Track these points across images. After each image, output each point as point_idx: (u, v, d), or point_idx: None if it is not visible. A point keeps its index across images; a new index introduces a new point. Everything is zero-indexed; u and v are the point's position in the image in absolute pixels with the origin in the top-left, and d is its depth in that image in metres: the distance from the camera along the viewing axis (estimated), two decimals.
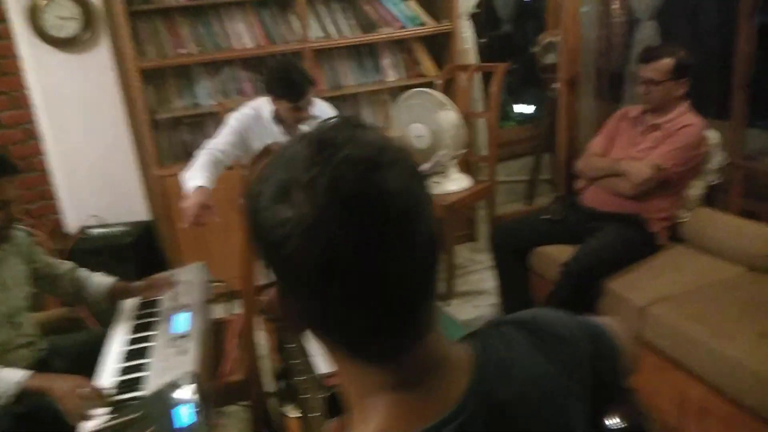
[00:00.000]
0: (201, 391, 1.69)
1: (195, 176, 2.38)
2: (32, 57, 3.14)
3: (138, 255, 3.21)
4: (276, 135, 2.66)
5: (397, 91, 3.68)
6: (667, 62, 2.42)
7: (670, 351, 2.08)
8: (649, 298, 2.20)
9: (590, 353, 0.78)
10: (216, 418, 1.72)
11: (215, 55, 3.30)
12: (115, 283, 2.16)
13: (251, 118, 2.64)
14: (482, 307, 3.17)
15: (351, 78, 3.69)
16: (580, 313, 2.38)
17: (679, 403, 2.03)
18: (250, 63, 3.46)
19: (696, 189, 2.58)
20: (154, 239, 3.44)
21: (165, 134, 3.41)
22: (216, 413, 1.87)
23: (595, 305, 2.40)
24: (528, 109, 5.08)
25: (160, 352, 1.85)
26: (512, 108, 5.28)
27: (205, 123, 3.43)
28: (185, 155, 2.85)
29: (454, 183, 3.34)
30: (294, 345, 1.61)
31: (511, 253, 2.73)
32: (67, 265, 2.15)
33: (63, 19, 3.06)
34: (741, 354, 1.83)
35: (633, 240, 2.48)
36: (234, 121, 2.62)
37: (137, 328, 2.02)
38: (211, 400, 1.78)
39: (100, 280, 2.18)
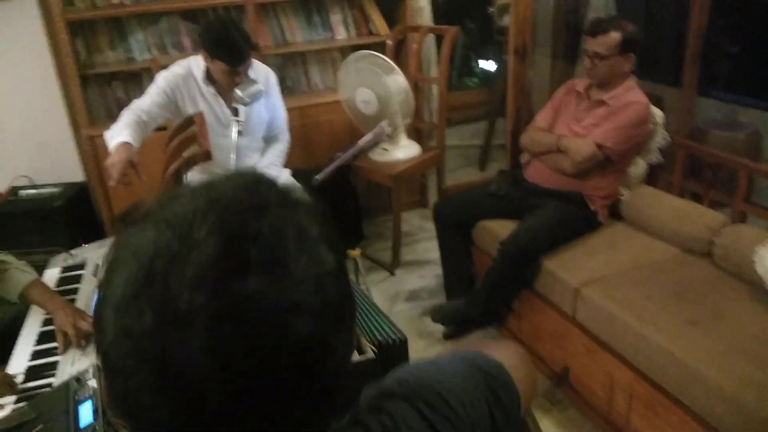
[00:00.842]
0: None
1: (119, 134, 2.23)
2: None
3: (70, 218, 3.07)
4: (207, 95, 2.53)
5: (347, 50, 3.54)
6: (614, 36, 2.35)
7: (600, 334, 2.08)
8: (582, 279, 2.20)
9: (488, 412, 0.72)
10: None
11: (151, 6, 3.10)
12: (31, 285, 1.83)
13: (181, 78, 2.49)
14: (428, 277, 3.15)
15: (298, 35, 3.52)
16: (518, 291, 2.36)
17: (609, 386, 2.06)
18: (189, 15, 3.26)
19: (638, 167, 2.56)
20: (88, 202, 3.29)
21: (97, 91, 3.22)
22: None
23: (532, 283, 2.39)
24: (492, 66, 4.97)
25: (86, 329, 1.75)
26: (477, 64, 5.16)
27: (140, 79, 3.24)
28: (119, 113, 2.68)
29: (403, 151, 3.26)
30: None
31: (453, 227, 2.70)
32: None
33: None
34: (666, 341, 1.84)
35: (573, 218, 2.46)
36: (162, 80, 2.48)
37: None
38: None
39: (17, 278, 1.85)
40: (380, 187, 3.44)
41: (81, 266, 2.18)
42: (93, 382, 1.43)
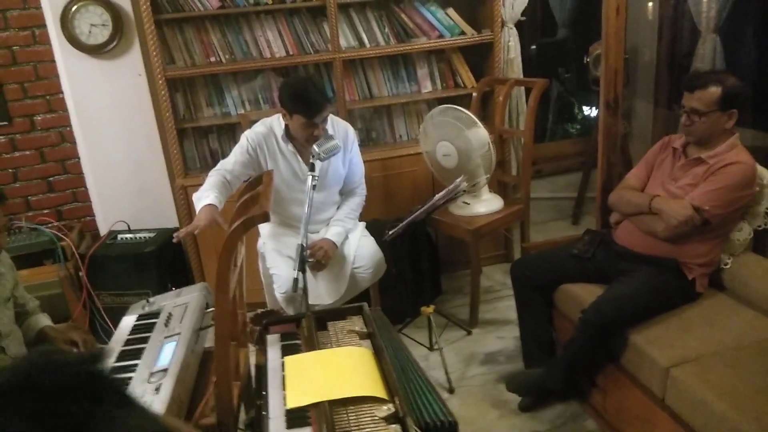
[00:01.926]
0: None
1: (206, 196, 2.41)
2: (65, 62, 3.17)
3: (161, 263, 3.21)
4: (287, 153, 2.58)
5: (433, 102, 3.53)
6: (713, 91, 2.16)
7: (692, 422, 1.85)
8: (674, 358, 1.97)
9: None
10: None
11: (244, 64, 3.24)
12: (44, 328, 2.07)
13: (263, 137, 2.57)
14: (507, 339, 2.99)
15: (384, 88, 3.55)
16: (602, 364, 2.16)
17: None
18: (281, 72, 3.39)
19: (743, 232, 2.30)
20: (179, 248, 3.43)
21: (193, 143, 3.40)
22: None
23: (618, 357, 2.19)
24: (594, 112, 4.78)
25: (137, 387, 1.78)
26: (581, 111, 4.97)
27: (233, 132, 3.39)
28: (213, 165, 2.82)
29: (484, 205, 3.17)
30: (262, 400, 1.51)
31: (533, 289, 2.54)
32: (34, 303, 2.13)
33: (94, 26, 3.07)
34: None
35: (667, 287, 2.24)
36: (245, 140, 2.58)
37: (122, 356, 1.97)
38: None
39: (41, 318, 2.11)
40: (462, 240, 3.34)
41: (156, 314, 2.24)
42: None
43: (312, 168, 2.30)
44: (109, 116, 3.30)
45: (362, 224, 2.83)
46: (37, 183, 3.47)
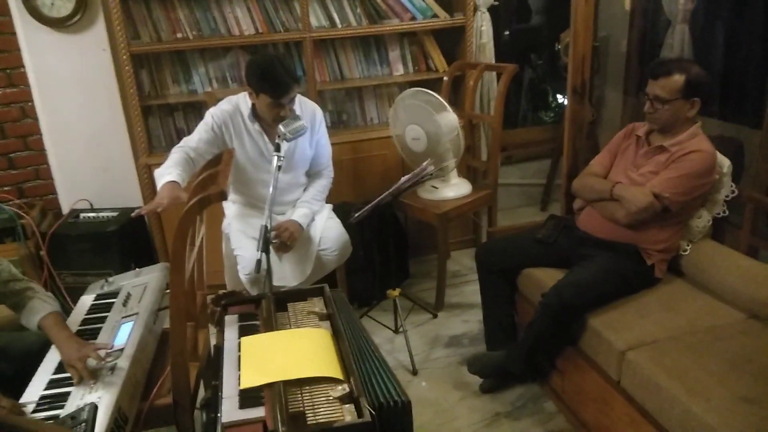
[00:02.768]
0: (120, 416, 1.61)
1: (168, 172, 2.36)
2: (26, 35, 3.08)
3: (124, 242, 3.15)
4: (253, 132, 2.55)
5: (405, 85, 3.50)
6: (677, 79, 2.18)
7: (645, 404, 1.89)
8: (630, 342, 2.01)
9: None
10: None
11: (212, 41, 3.18)
12: (48, 316, 1.89)
13: (228, 115, 2.53)
14: (472, 322, 3.02)
15: (356, 70, 3.52)
16: (561, 347, 2.19)
17: None
18: (250, 50, 3.33)
19: (702, 220, 2.34)
20: (143, 227, 3.38)
21: (158, 121, 3.33)
22: None
23: (577, 340, 2.22)
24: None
25: (94, 364, 1.76)
26: (555, 99, 4.96)
27: (200, 111, 3.31)
28: (178, 143, 2.77)
29: (453, 189, 3.17)
30: (218, 381, 1.50)
31: (497, 273, 2.56)
32: (24, 284, 2.01)
33: None
34: (717, 420, 1.63)
35: (626, 272, 2.27)
36: (209, 117, 2.53)
37: (79, 334, 1.93)
38: (134, 424, 1.69)
39: (36, 308, 1.92)
40: (430, 224, 3.35)
41: (115, 294, 2.21)
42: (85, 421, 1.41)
43: (278, 148, 2.27)
44: (72, 92, 3.22)
45: (329, 206, 2.82)
46: None
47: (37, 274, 3.12)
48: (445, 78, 3.37)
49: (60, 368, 1.76)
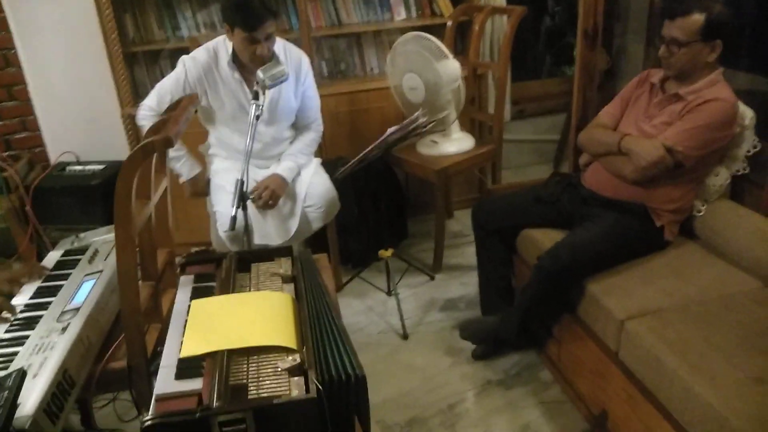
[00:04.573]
0: (65, 379, 1.49)
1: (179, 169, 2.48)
2: None
3: (108, 198, 3.01)
4: (231, 82, 2.37)
5: (407, 32, 3.25)
6: (696, 19, 1.93)
7: (644, 379, 1.72)
8: (631, 310, 1.83)
9: None
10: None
11: None
12: None
13: (202, 67, 2.35)
14: (471, 285, 2.84)
15: (354, 15, 3.29)
16: (558, 314, 2.01)
17: None
18: None
19: (720, 178, 2.12)
20: None
21: (144, 68, 3.17)
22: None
23: (575, 306, 2.04)
24: None
25: (44, 326, 1.64)
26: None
27: None
28: None
29: (454, 144, 2.97)
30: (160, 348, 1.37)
31: (494, 233, 2.38)
32: None
33: None
34: (721, 402, 1.46)
35: (632, 234, 2.07)
36: (182, 68, 2.36)
37: (38, 293, 1.82)
38: (85, 388, 1.58)
39: None
40: (429, 181, 3.17)
41: (83, 251, 2.09)
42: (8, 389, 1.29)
43: (256, 96, 2.10)
44: (55, 39, 3.06)
45: (317, 160, 2.64)
46: None
47: (23, 229, 3.04)
48: (449, 23, 3.12)
49: (9, 327, 1.66)
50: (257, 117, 2.07)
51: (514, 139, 4.05)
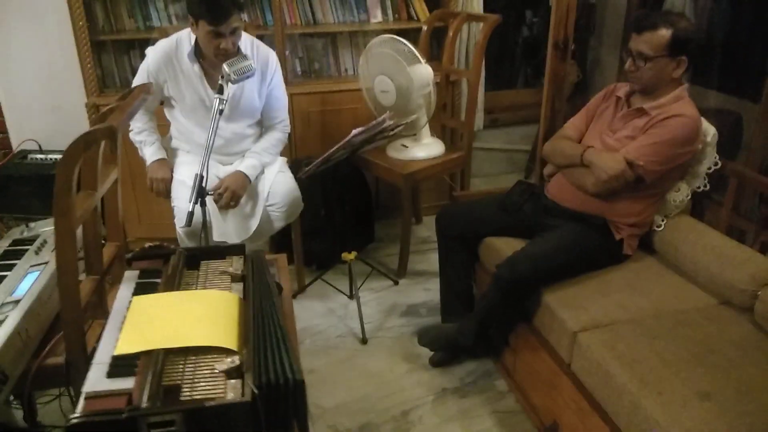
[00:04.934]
0: None
1: (148, 153, 2.46)
2: None
3: None
4: (192, 75, 2.32)
5: (383, 34, 3.25)
6: (662, 34, 1.94)
7: (594, 391, 1.71)
8: (584, 322, 1.83)
9: None
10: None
11: None
12: None
13: (164, 54, 2.30)
14: (433, 291, 2.82)
15: (330, 15, 3.26)
16: (514, 323, 1.99)
17: None
18: None
19: (680, 193, 2.13)
20: None
21: (112, 58, 3.11)
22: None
23: (531, 317, 2.03)
24: None
25: None
26: None
27: None
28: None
29: (424, 149, 2.96)
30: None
31: (456, 240, 2.37)
32: None
33: None
34: (666, 416, 1.45)
35: (591, 246, 2.07)
36: (146, 60, 2.31)
37: None
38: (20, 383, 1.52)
39: None
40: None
41: (32, 241, 2.03)
42: None
43: (220, 90, 2.06)
44: (22, 23, 2.98)
45: (282, 159, 2.60)
46: None
47: None
48: (424, 27, 3.11)
49: None
50: (220, 111, 2.04)
51: (486, 147, 4.06)
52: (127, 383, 1.17)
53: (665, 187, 2.12)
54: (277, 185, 2.46)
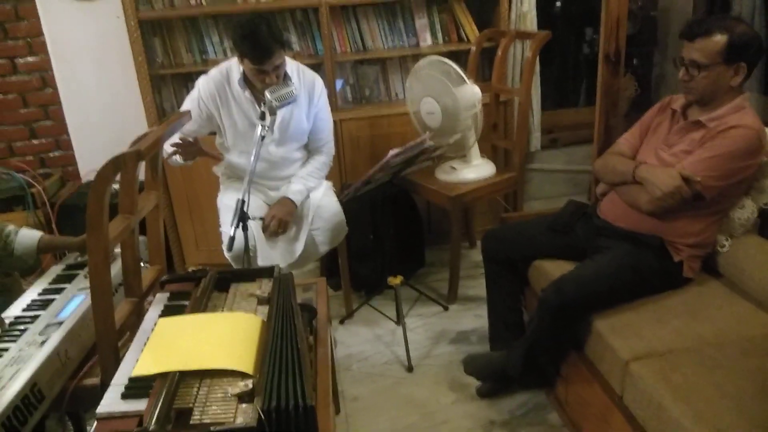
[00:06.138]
0: (33, 393, 1.48)
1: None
2: (42, 2, 3.04)
3: None
4: (242, 101, 2.37)
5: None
6: (717, 40, 1.81)
7: (646, 426, 1.57)
8: (637, 351, 1.69)
9: None
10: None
11: (225, 8, 3.03)
12: (42, 236, 2.02)
13: (215, 83, 2.37)
14: (485, 318, 2.68)
15: (379, 40, 3.28)
16: (564, 351, 1.87)
17: None
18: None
19: (746, 210, 1.96)
20: None
21: (171, 90, 3.24)
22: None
23: (582, 345, 1.91)
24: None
25: (26, 338, 1.65)
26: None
27: None
28: None
29: (473, 171, 2.89)
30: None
31: (502, 264, 2.27)
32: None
33: None
34: None
35: (646, 268, 1.93)
36: (197, 89, 2.38)
37: (30, 306, 1.84)
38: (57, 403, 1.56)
39: (28, 233, 2.03)
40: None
41: (83, 266, 2.10)
42: None
43: (262, 116, 2.09)
44: (88, 61, 3.17)
45: (328, 183, 2.61)
46: (20, 129, 3.39)
47: None
48: (472, 48, 3.07)
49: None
50: (262, 137, 2.06)
51: (545, 169, 3.92)
52: (140, 405, 1.17)
53: (728, 204, 1.95)
54: (322, 209, 2.45)
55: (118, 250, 2.05)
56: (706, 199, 1.86)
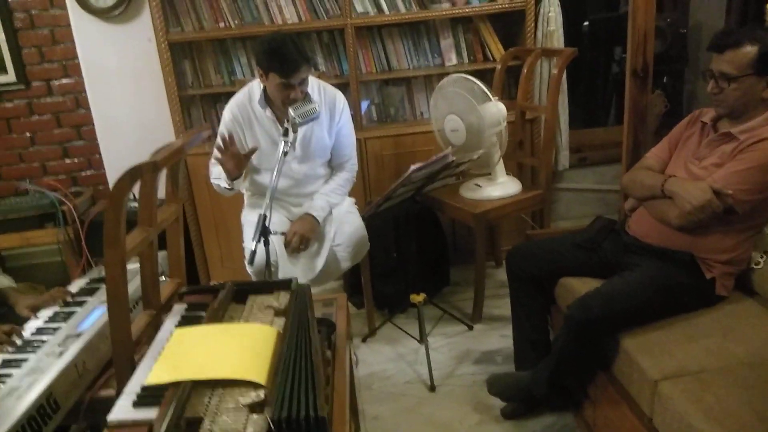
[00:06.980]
0: (48, 403, 1.48)
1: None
2: (77, 27, 3.14)
3: (159, 234, 3.11)
4: (264, 120, 2.39)
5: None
6: (747, 51, 1.76)
7: None
8: (667, 370, 1.62)
9: None
10: None
11: (253, 29, 3.08)
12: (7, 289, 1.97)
13: (238, 105, 2.40)
14: (510, 338, 2.65)
15: (404, 60, 3.29)
16: (590, 371, 1.81)
17: None
18: None
19: None
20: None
21: (200, 110, 3.29)
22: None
23: (609, 364, 1.84)
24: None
25: (46, 349, 1.66)
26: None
27: None
28: None
29: (499, 188, 2.85)
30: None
31: (527, 281, 2.22)
32: None
33: None
34: None
35: (676, 286, 1.86)
36: (226, 113, 2.42)
37: (52, 318, 1.86)
38: (73, 414, 1.56)
39: None
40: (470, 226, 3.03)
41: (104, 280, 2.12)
42: None
43: (285, 133, 2.11)
44: (120, 83, 3.25)
45: (350, 199, 2.60)
46: (54, 148, 3.48)
47: (76, 260, 3.17)
48: (498, 66, 3.05)
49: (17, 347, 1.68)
50: (285, 153, 2.07)
51: (574, 188, 3.87)
52: (150, 413, 1.15)
53: (762, 219, 1.88)
54: (344, 224, 2.45)
55: (138, 265, 2.08)
56: (739, 213, 1.79)
